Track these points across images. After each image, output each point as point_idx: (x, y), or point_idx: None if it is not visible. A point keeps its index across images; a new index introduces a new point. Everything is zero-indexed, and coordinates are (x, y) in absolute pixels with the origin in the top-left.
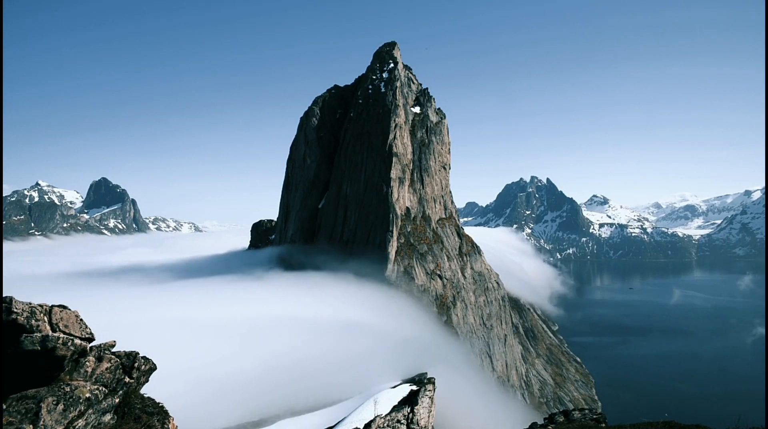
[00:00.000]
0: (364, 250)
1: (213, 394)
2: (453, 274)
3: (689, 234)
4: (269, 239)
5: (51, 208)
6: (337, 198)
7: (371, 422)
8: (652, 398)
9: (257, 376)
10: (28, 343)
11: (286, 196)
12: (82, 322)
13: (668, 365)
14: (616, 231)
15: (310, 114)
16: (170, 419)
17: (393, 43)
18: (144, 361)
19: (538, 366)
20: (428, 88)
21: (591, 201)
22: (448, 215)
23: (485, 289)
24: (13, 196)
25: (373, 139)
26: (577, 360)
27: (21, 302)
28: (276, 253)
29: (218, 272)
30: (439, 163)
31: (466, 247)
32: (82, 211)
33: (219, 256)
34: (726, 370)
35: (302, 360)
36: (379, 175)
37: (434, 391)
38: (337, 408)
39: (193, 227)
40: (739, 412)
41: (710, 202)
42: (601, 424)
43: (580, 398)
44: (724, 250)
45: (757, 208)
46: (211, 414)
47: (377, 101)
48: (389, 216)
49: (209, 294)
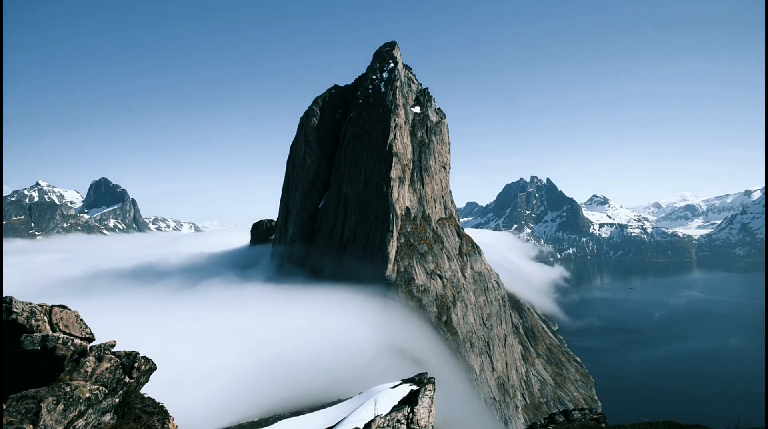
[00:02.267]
0: (364, 250)
1: (213, 394)
2: (453, 274)
3: (689, 234)
4: (269, 239)
5: (51, 208)
6: (337, 198)
7: (371, 422)
8: (652, 398)
9: (257, 376)
10: (28, 343)
11: (286, 195)
12: (82, 322)
13: (668, 365)
14: (616, 231)
15: (311, 114)
16: (170, 419)
17: (393, 43)
18: (144, 361)
19: (538, 366)
20: (428, 88)
21: (591, 201)
22: (448, 215)
23: (485, 289)
24: (13, 196)
25: (373, 139)
26: (577, 360)
27: (21, 302)
28: (276, 253)
29: (218, 273)
30: (439, 163)
31: (466, 247)
32: (82, 211)
33: (219, 256)
34: (726, 370)
35: (302, 360)
36: (379, 175)
37: (434, 391)
38: (337, 408)
39: (193, 227)
40: (739, 412)
41: (710, 202)
42: (601, 424)
43: (580, 398)
44: (724, 250)
45: (757, 208)
46: (211, 414)
47: (377, 101)
48: (389, 216)
49: (208, 297)
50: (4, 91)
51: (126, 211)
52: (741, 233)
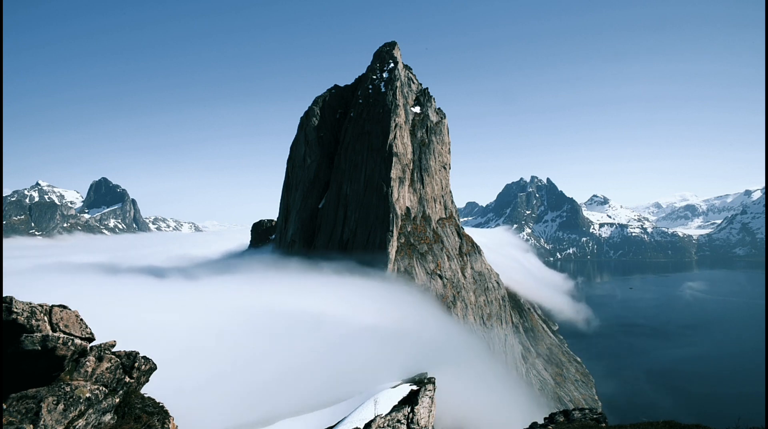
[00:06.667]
0: (364, 250)
1: (213, 393)
2: (453, 274)
3: (689, 234)
4: (269, 239)
5: (51, 208)
6: (337, 198)
7: (371, 422)
8: (652, 398)
9: (257, 375)
10: (28, 343)
11: (286, 195)
12: (83, 321)
13: (669, 365)
14: (616, 231)
15: (311, 114)
16: (170, 419)
17: (393, 43)
18: (144, 361)
19: (538, 366)
20: (428, 88)
21: (591, 201)
22: (448, 215)
23: (485, 289)
24: (13, 196)
25: (373, 139)
26: (577, 360)
27: (21, 302)
28: (276, 253)
29: (216, 272)
30: (439, 163)
31: (467, 246)
32: (83, 211)
33: (218, 255)
34: (726, 370)
35: (302, 360)
36: (379, 175)
37: (434, 391)
38: (337, 408)
39: (193, 227)
40: (739, 412)
41: (710, 201)
42: (601, 424)
43: (580, 398)
44: (724, 249)
45: (758, 207)
46: (211, 414)
47: (377, 101)
48: (389, 216)
49: (206, 296)
50: (4, 91)
51: (126, 211)
52: (741, 233)
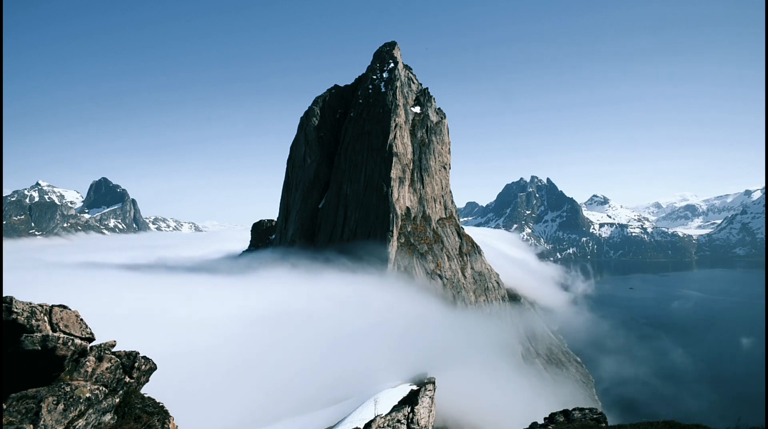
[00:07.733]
0: (364, 249)
1: (214, 393)
2: (453, 274)
3: (689, 234)
4: (269, 239)
5: (51, 208)
6: (338, 198)
7: (371, 422)
8: (652, 398)
9: (257, 375)
10: (28, 343)
11: (286, 195)
12: (83, 321)
13: (668, 365)
14: (616, 231)
15: (311, 114)
16: (170, 419)
17: (393, 43)
18: (144, 361)
19: (538, 366)
20: (428, 88)
21: (591, 201)
22: (448, 215)
23: (485, 289)
24: (13, 196)
25: (373, 139)
26: (577, 360)
27: (21, 302)
28: (276, 253)
29: (215, 273)
30: (439, 163)
31: (467, 246)
32: (83, 211)
33: (218, 256)
34: (726, 370)
35: (302, 360)
36: (379, 175)
37: (434, 391)
38: (337, 408)
39: (194, 227)
40: (739, 412)
41: (710, 201)
42: (601, 424)
43: (580, 398)
44: (725, 249)
45: (758, 207)
46: (211, 414)
47: (377, 101)
48: (389, 216)
49: (205, 296)
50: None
51: (126, 211)
52: (741, 233)
